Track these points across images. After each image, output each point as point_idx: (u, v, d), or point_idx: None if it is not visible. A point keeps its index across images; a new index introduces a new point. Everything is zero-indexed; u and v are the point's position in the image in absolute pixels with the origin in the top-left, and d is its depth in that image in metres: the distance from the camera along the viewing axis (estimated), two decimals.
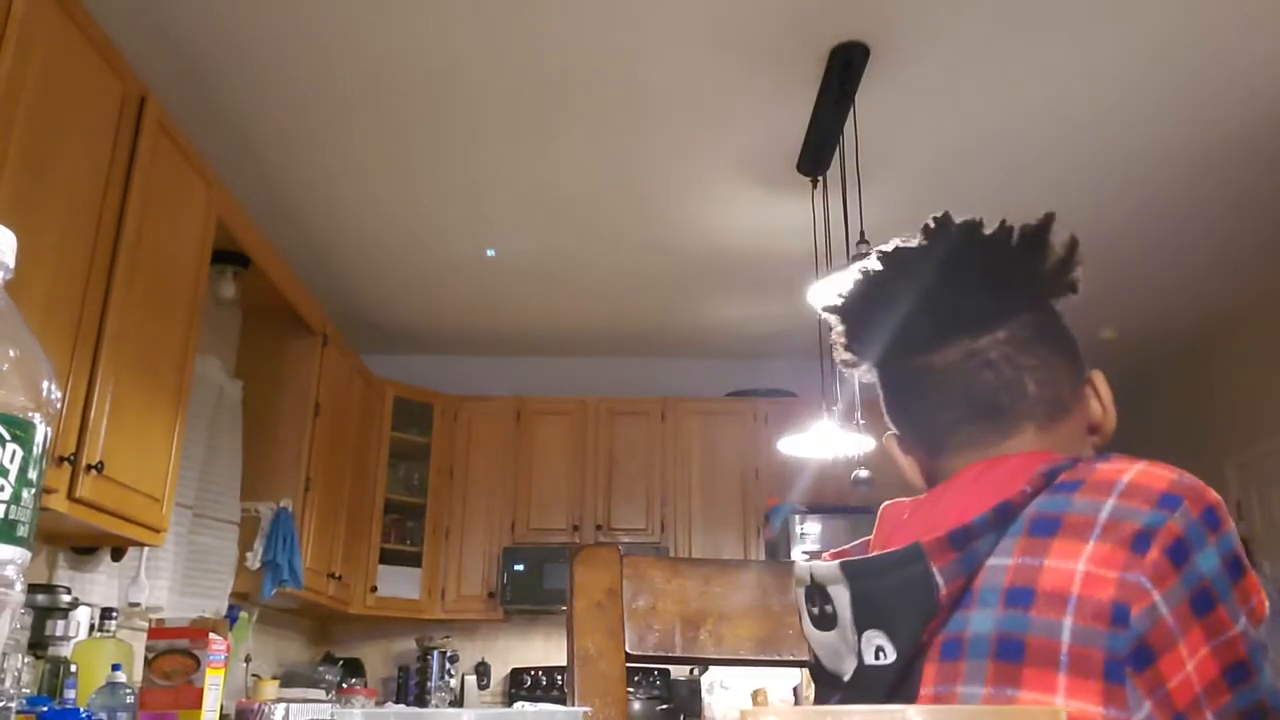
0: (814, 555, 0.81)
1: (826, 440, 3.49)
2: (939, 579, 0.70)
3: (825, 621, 0.75)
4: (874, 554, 0.74)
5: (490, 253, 4.33)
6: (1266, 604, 0.66)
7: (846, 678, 0.73)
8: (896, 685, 0.71)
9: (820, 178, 3.46)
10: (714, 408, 5.26)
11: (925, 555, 0.70)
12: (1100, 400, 0.83)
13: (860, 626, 0.72)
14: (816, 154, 3.32)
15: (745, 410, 5.22)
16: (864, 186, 3.21)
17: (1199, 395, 5.16)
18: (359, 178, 3.69)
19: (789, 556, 4.56)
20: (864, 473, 3.16)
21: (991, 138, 3.36)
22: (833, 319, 0.89)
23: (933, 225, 0.83)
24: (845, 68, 2.91)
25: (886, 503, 0.84)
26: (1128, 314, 4.79)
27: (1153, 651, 0.63)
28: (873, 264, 0.86)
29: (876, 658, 0.71)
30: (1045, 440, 0.79)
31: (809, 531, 4.68)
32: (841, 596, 0.74)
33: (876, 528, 0.83)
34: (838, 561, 0.75)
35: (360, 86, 3.10)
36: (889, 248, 0.85)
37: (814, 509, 4.74)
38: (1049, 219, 0.82)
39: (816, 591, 0.76)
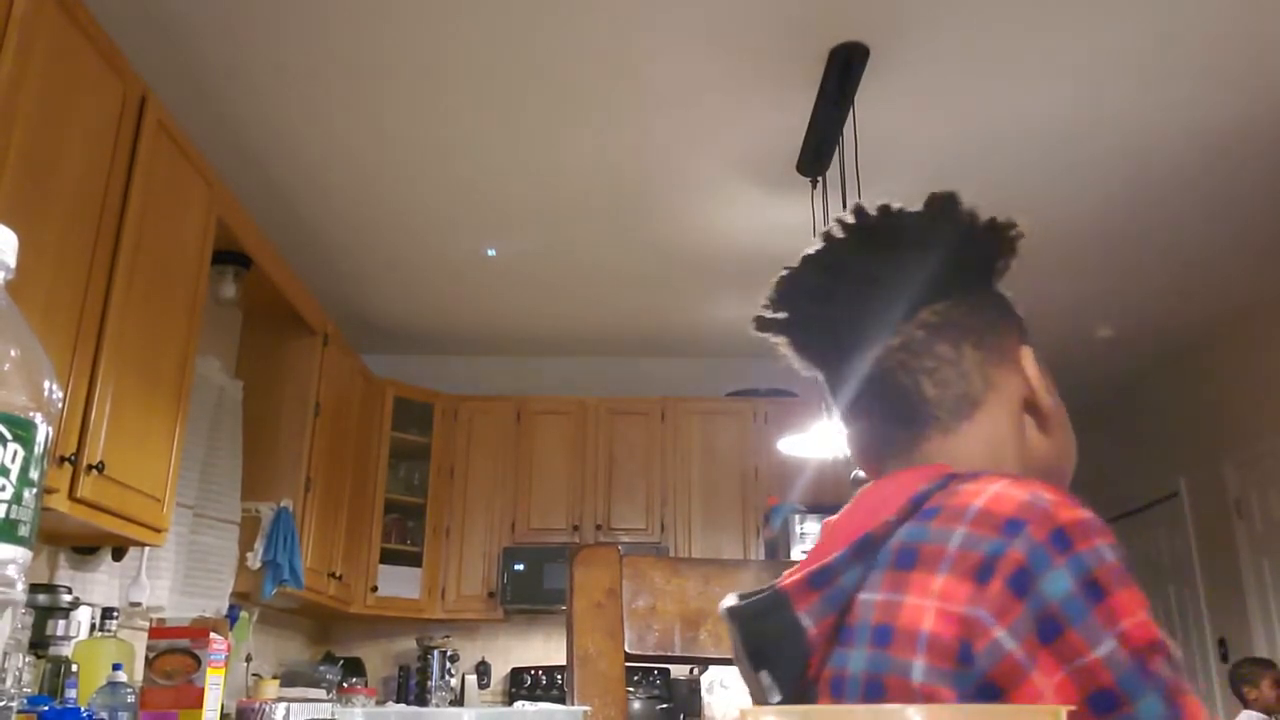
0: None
1: (826, 440, 3.49)
2: (805, 621, 0.69)
3: (736, 656, 0.76)
4: (749, 600, 0.74)
5: (491, 253, 4.33)
6: (1154, 629, 0.59)
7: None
8: None
9: (820, 178, 3.47)
10: (714, 408, 5.26)
11: (789, 601, 0.70)
12: (1029, 380, 0.80)
13: (754, 666, 0.73)
14: (816, 154, 3.32)
15: (745, 410, 5.21)
16: (863, 187, 3.21)
17: (1199, 395, 5.15)
18: (360, 177, 3.69)
19: (789, 556, 4.56)
20: (862, 473, 3.15)
21: (991, 137, 3.35)
22: (765, 334, 0.88)
23: (831, 229, 0.81)
24: (845, 68, 2.91)
25: (826, 519, 0.84)
26: (1128, 313, 4.79)
27: (999, 689, 0.59)
28: (780, 276, 0.84)
29: (769, 695, 0.71)
30: (956, 441, 0.77)
31: (809, 531, 4.68)
32: (736, 637, 0.75)
33: (815, 543, 0.83)
34: (726, 606, 0.76)
35: (361, 85, 3.10)
36: (795, 261, 0.83)
37: (814, 509, 4.74)
38: (941, 198, 0.79)
39: (728, 628, 0.78)
